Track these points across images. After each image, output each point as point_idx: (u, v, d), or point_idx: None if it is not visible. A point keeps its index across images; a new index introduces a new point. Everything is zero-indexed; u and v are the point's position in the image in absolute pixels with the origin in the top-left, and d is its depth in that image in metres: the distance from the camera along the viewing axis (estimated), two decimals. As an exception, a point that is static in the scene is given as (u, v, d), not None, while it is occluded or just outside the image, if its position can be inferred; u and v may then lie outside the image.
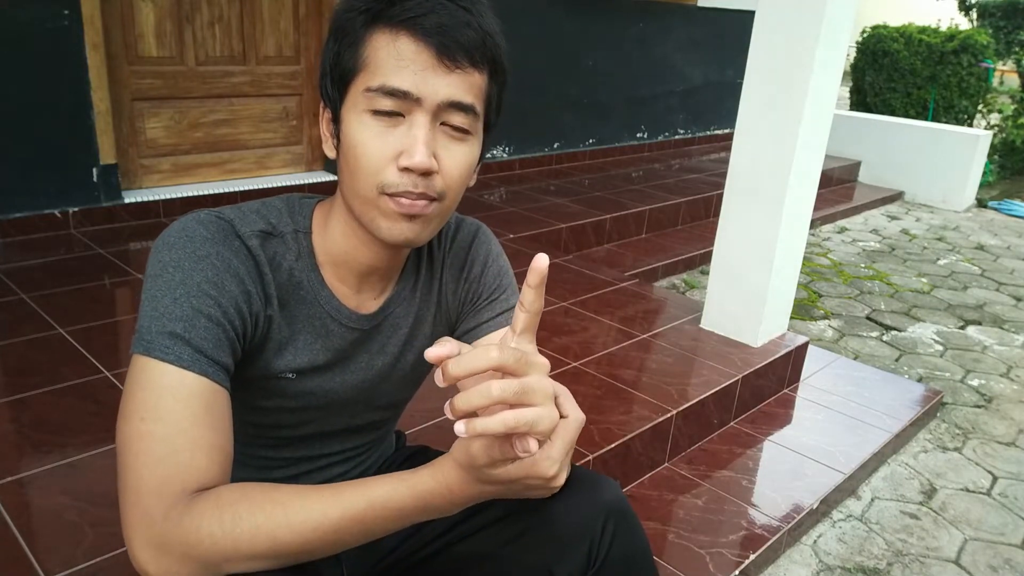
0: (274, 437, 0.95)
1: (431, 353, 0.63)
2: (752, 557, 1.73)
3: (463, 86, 0.76)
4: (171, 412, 0.70)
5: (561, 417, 0.70)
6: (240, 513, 0.68)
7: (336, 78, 0.79)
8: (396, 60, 0.74)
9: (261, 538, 0.68)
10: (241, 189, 3.46)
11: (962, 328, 3.53)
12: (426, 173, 0.76)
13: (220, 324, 0.75)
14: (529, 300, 0.67)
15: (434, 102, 0.75)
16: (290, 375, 0.88)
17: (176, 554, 0.67)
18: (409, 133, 0.76)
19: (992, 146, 6.51)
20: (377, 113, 0.76)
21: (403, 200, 0.77)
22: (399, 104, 0.75)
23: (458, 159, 0.79)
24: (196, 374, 0.72)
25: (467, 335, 0.99)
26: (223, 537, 0.67)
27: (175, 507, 0.68)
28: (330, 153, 0.83)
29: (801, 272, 2.95)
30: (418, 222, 0.79)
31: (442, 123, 0.77)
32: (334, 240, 0.87)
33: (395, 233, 0.79)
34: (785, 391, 2.52)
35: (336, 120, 0.80)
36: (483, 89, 0.79)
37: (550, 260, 0.66)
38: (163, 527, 0.68)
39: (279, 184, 3.59)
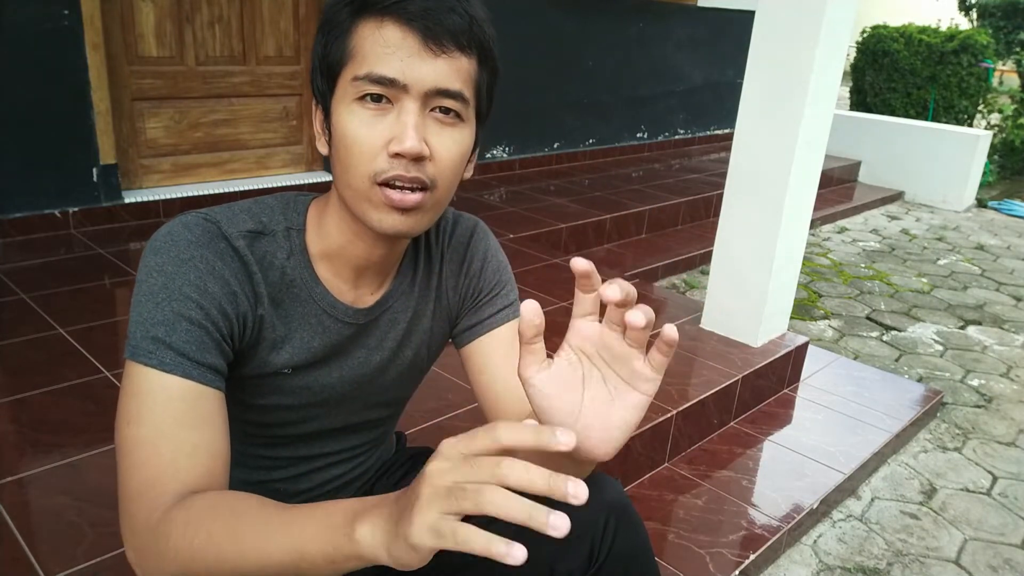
0: (272, 436, 0.95)
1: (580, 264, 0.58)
2: (752, 557, 1.73)
3: (450, 72, 0.76)
4: (153, 416, 0.72)
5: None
6: (201, 527, 0.66)
7: (325, 71, 0.79)
8: (382, 47, 0.74)
9: (211, 558, 0.65)
10: (241, 189, 3.46)
11: (962, 328, 3.53)
12: (418, 159, 0.76)
13: (202, 326, 0.76)
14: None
15: (421, 89, 0.75)
16: (286, 371, 0.88)
17: (155, 558, 0.68)
18: (398, 120, 0.75)
19: (992, 146, 6.51)
20: (365, 102, 0.76)
21: (394, 194, 0.77)
22: (387, 92, 0.75)
23: (449, 145, 0.79)
24: (179, 377, 0.73)
25: (469, 331, 0.99)
26: (186, 548, 0.66)
27: (156, 511, 0.69)
28: (323, 149, 0.83)
29: (801, 272, 2.97)
30: (411, 214, 0.79)
31: (431, 109, 0.77)
32: (330, 235, 0.86)
33: (387, 225, 0.79)
34: (785, 391, 2.52)
35: (327, 115, 0.81)
36: (471, 75, 0.79)
37: (550, 260, 0.66)
38: (144, 531, 0.69)
39: (279, 184, 3.59)
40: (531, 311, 0.61)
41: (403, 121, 0.75)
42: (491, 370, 0.97)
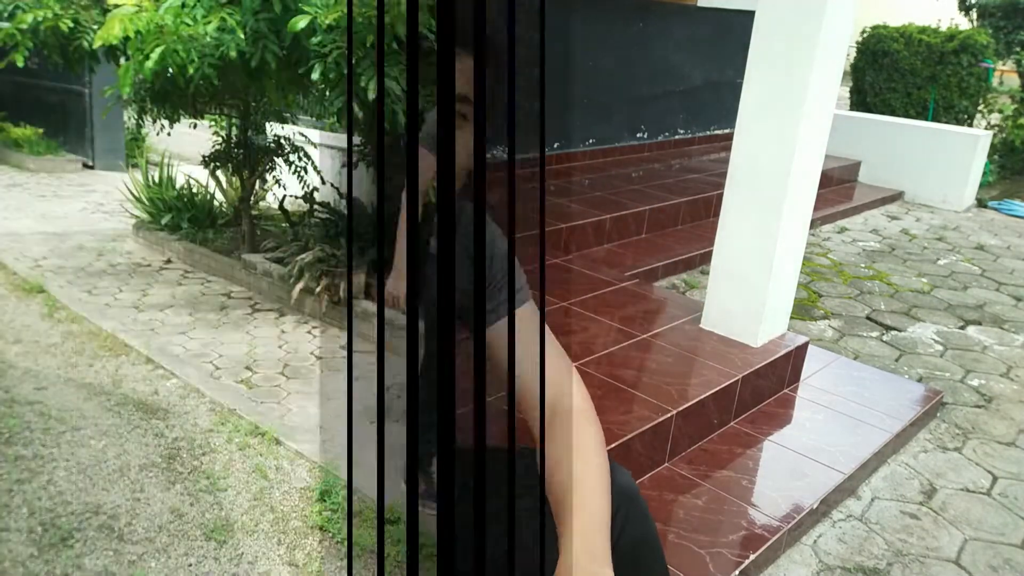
0: None
1: None
2: (752, 557, 1.73)
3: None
4: None
5: None
6: None
7: None
8: None
9: None
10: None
11: (962, 328, 3.53)
12: None
13: None
14: None
15: None
16: None
17: None
18: None
19: (992, 146, 6.50)
20: None
21: None
22: None
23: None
24: None
25: None
26: None
27: None
28: None
29: (801, 272, 2.95)
30: None
31: None
32: None
33: None
34: (785, 391, 2.52)
35: None
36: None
37: (550, 260, 0.66)
38: None
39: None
40: None
41: None
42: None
